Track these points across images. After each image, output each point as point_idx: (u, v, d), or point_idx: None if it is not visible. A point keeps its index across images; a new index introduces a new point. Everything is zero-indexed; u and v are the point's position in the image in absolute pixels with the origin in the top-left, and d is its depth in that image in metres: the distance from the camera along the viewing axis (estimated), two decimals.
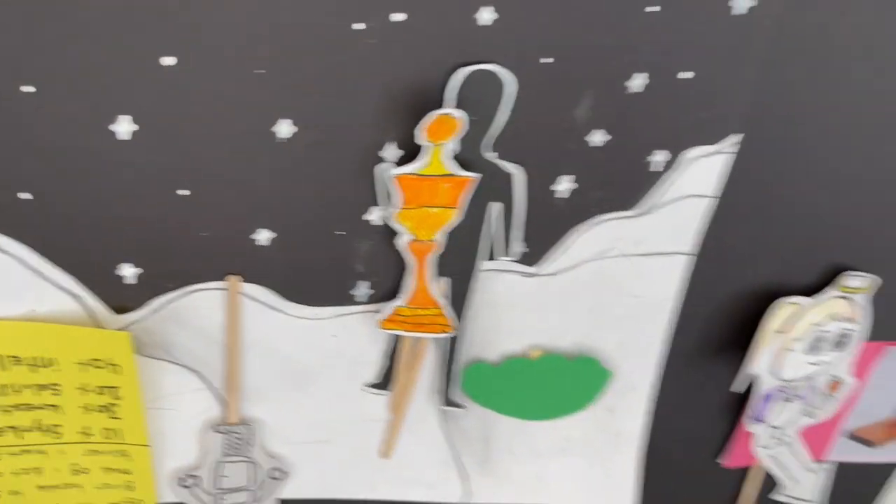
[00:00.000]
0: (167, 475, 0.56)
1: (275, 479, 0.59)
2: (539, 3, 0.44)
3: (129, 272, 0.48)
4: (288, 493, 0.60)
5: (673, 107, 0.50)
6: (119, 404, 0.52)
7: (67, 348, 0.48)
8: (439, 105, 0.46)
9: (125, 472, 0.54)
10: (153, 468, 0.55)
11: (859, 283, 0.62)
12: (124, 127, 0.42)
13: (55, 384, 0.50)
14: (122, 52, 0.40)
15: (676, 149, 0.52)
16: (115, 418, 0.52)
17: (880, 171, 0.57)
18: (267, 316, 0.52)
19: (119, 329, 0.49)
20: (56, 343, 0.48)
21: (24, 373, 0.49)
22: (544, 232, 0.54)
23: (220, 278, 0.50)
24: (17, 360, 0.48)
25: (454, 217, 0.49)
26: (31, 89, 0.41)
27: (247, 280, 0.50)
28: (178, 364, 0.52)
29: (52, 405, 0.51)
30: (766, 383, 0.65)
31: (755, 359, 0.62)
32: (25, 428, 0.51)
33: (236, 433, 0.55)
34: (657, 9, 0.46)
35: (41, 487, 0.54)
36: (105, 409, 0.52)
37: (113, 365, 0.50)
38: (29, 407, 0.50)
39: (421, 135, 0.45)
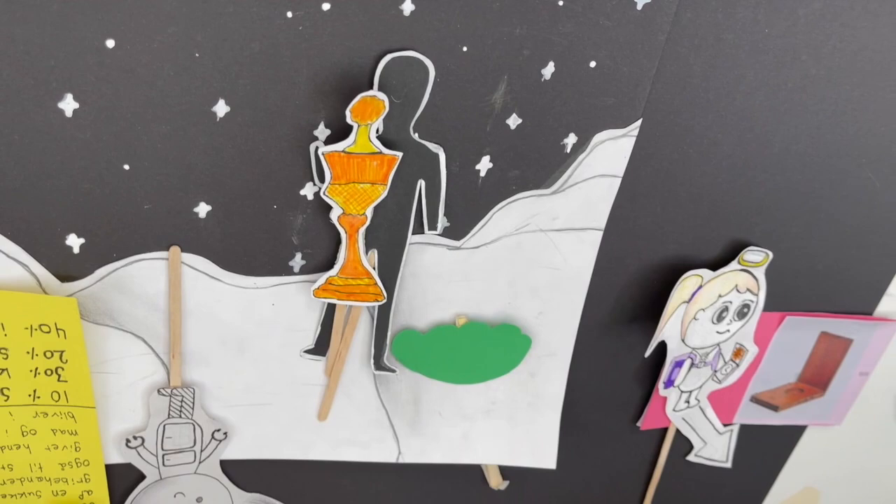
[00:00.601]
0: (114, 437, 0.59)
1: (216, 440, 0.62)
2: None
3: (74, 242, 0.51)
4: (229, 455, 0.63)
5: (582, 93, 0.55)
6: (66, 368, 0.55)
7: (15, 313, 0.51)
8: (366, 88, 0.50)
9: (72, 433, 0.57)
10: (99, 429, 0.58)
11: (758, 257, 0.68)
12: (68, 105, 0.45)
13: (3, 348, 0.52)
14: (66, 34, 0.43)
15: (586, 132, 0.57)
16: (62, 381, 0.55)
17: (770, 154, 0.63)
18: (207, 284, 0.55)
19: (66, 296, 0.53)
20: (4, 308, 0.51)
21: None
22: (467, 208, 0.58)
23: (163, 248, 0.53)
24: None
25: (382, 193, 0.54)
26: None
27: (188, 251, 0.54)
28: (122, 330, 0.55)
29: (1, 368, 0.53)
30: (675, 350, 0.70)
31: (664, 327, 0.68)
32: None
33: (178, 396, 0.59)
34: (564, 3, 0.51)
35: None
36: (52, 372, 0.55)
37: (60, 329, 0.53)
38: None
39: (349, 115, 0.49)
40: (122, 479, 0.62)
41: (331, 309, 0.59)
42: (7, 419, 0.56)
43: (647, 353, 0.68)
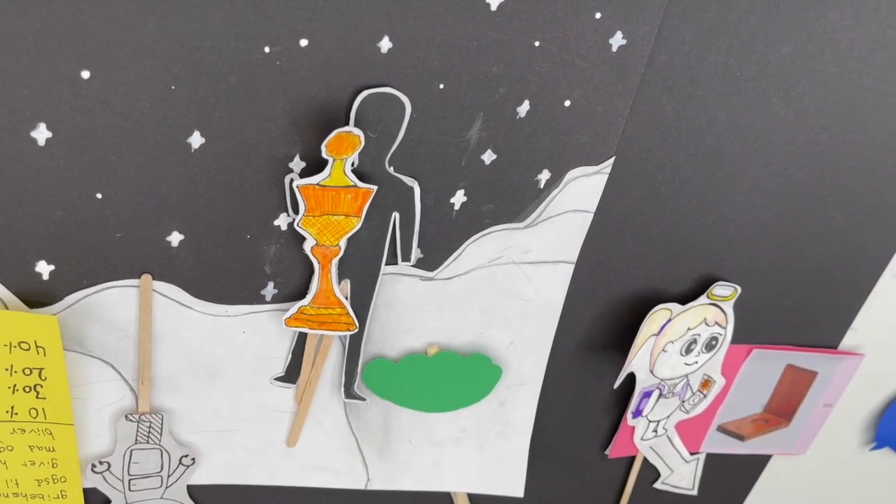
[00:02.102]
0: (80, 461, 0.59)
1: (184, 465, 0.62)
2: (432, 35, 0.49)
3: (44, 269, 0.50)
4: (196, 480, 0.63)
5: (556, 131, 0.56)
6: (44, 385, 0.54)
7: None
8: (343, 123, 0.51)
9: (49, 449, 0.57)
10: (77, 446, 0.58)
11: (726, 291, 0.69)
12: (41, 134, 0.45)
13: None
14: (41, 64, 0.43)
15: (560, 168, 0.58)
16: (41, 398, 0.55)
17: (740, 192, 0.64)
18: (178, 312, 0.55)
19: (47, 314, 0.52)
20: None
21: None
22: (441, 240, 0.59)
23: (135, 276, 0.53)
24: None
25: (356, 224, 0.54)
26: None
27: (159, 279, 0.54)
28: (90, 356, 0.55)
29: None
30: (644, 381, 0.71)
31: (633, 359, 0.69)
32: None
33: (146, 422, 0.59)
34: (540, 43, 0.52)
35: None
36: (31, 389, 0.54)
37: (39, 347, 0.52)
38: None
39: (324, 149, 0.49)
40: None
41: (302, 337, 0.59)
42: None
43: (616, 385, 0.69)
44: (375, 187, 0.52)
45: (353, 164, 0.51)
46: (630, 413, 0.73)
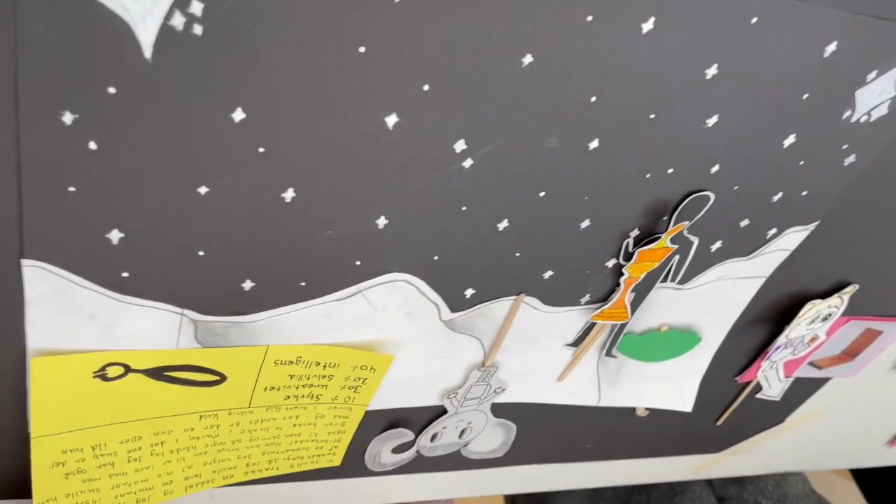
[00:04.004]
0: (439, 392, 0.90)
1: (496, 392, 0.93)
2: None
3: (468, 291, 0.78)
4: (496, 400, 0.95)
5: (787, 206, 0.83)
6: (363, 387, 0.78)
7: (353, 359, 0.74)
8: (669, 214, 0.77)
9: (343, 418, 0.84)
10: (360, 417, 0.86)
11: (852, 290, 1.00)
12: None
13: (329, 376, 0.74)
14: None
15: (783, 227, 0.86)
16: (356, 392, 0.79)
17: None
18: (532, 313, 0.84)
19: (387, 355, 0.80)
20: (347, 356, 0.73)
21: (318, 370, 0.74)
22: (696, 267, 0.87)
23: (513, 294, 0.81)
24: (317, 364, 0.74)
25: (657, 266, 0.82)
26: None
27: (528, 294, 0.81)
28: (471, 336, 0.84)
29: (324, 385, 0.76)
30: (782, 339, 1.04)
31: (790, 331, 1.01)
32: (301, 395, 0.77)
33: (488, 371, 0.89)
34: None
35: (295, 425, 0.82)
36: (353, 389, 0.78)
37: (372, 369, 0.77)
38: (309, 385, 0.75)
39: (667, 237, 0.76)
40: (425, 414, 0.93)
41: (591, 323, 0.89)
42: (312, 411, 0.81)
43: (774, 344, 1.01)
44: (677, 246, 0.80)
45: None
46: (766, 360, 1.06)
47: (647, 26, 0.59)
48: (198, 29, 0.49)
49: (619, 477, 1.26)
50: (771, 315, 1.01)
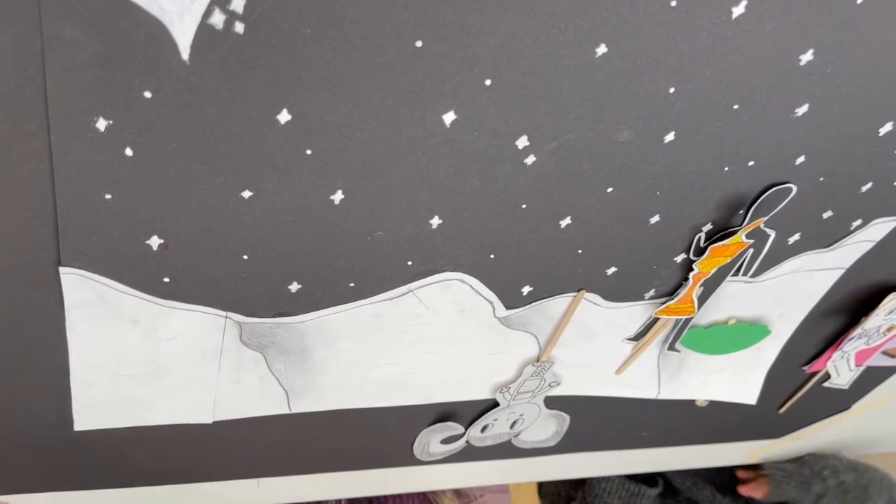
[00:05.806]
0: (492, 386, 0.86)
1: (550, 386, 0.89)
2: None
3: (525, 289, 0.73)
4: (550, 394, 0.91)
5: (878, 197, 0.76)
6: None
7: None
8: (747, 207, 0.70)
9: None
10: None
11: None
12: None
13: None
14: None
15: (869, 218, 0.78)
16: None
17: None
18: (588, 307, 0.79)
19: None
20: None
21: None
22: (770, 260, 0.81)
23: (574, 290, 0.76)
24: None
25: (729, 261, 0.76)
26: None
27: (590, 291, 0.76)
28: (526, 332, 0.80)
29: None
30: (857, 330, 0.97)
31: (867, 322, 0.94)
32: None
33: (543, 366, 0.85)
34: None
35: None
36: None
37: None
38: None
39: (743, 232, 0.70)
40: (476, 407, 0.90)
41: (654, 318, 0.84)
42: None
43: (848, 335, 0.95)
44: (753, 240, 0.74)
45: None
46: (839, 351, 1.00)
47: (738, 10, 0.52)
48: (239, 27, 0.45)
49: (672, 462, 1.22)
50: (846, 306, 0.94)
